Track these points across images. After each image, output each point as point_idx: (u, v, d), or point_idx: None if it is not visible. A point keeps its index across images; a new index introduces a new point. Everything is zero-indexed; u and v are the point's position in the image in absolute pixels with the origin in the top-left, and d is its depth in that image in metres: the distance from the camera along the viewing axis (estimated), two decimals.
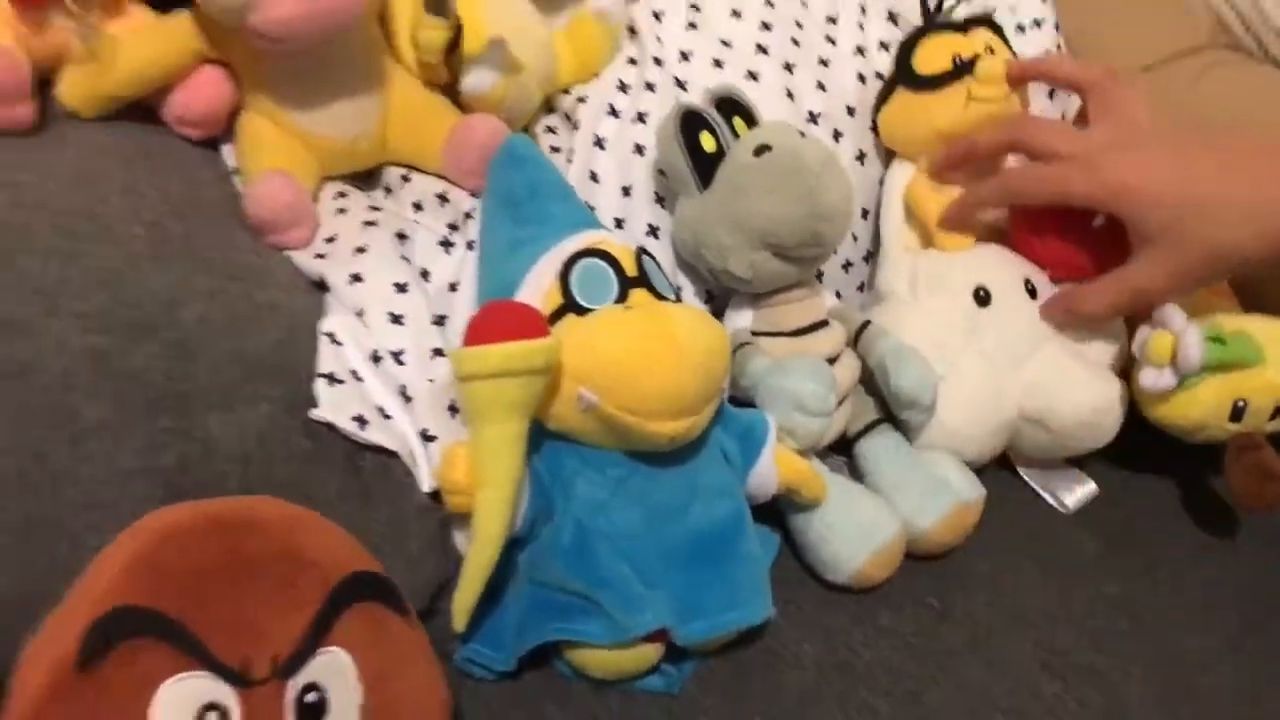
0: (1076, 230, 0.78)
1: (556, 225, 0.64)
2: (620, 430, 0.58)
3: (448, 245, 0.70)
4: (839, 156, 0.74)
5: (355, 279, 0.66)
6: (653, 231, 0.75)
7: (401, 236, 0.70)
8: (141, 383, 0.54)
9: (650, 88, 0.78)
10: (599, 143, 0.76)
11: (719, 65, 0.79)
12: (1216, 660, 0.71)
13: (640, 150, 0.76)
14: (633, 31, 0.82)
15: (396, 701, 0.47)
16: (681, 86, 0.78)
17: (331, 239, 0.70)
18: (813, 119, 0.80)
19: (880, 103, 0.83)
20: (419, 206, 0.73)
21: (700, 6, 0.82)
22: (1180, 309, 0.73)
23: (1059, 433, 0.78)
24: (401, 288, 0.67)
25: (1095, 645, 0.70)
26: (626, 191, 0.75)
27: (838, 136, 0.82)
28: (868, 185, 0.84)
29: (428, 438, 0.63)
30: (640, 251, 0.64)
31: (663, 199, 0.75)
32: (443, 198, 0.73)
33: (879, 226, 0.84)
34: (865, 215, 0.84)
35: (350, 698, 0.46)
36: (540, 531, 0.61)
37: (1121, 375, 0.79)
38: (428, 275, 0.69)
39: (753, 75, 0.79)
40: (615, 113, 0.77)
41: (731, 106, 0.73)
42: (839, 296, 0.82)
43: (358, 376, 0.62)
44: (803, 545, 0.71)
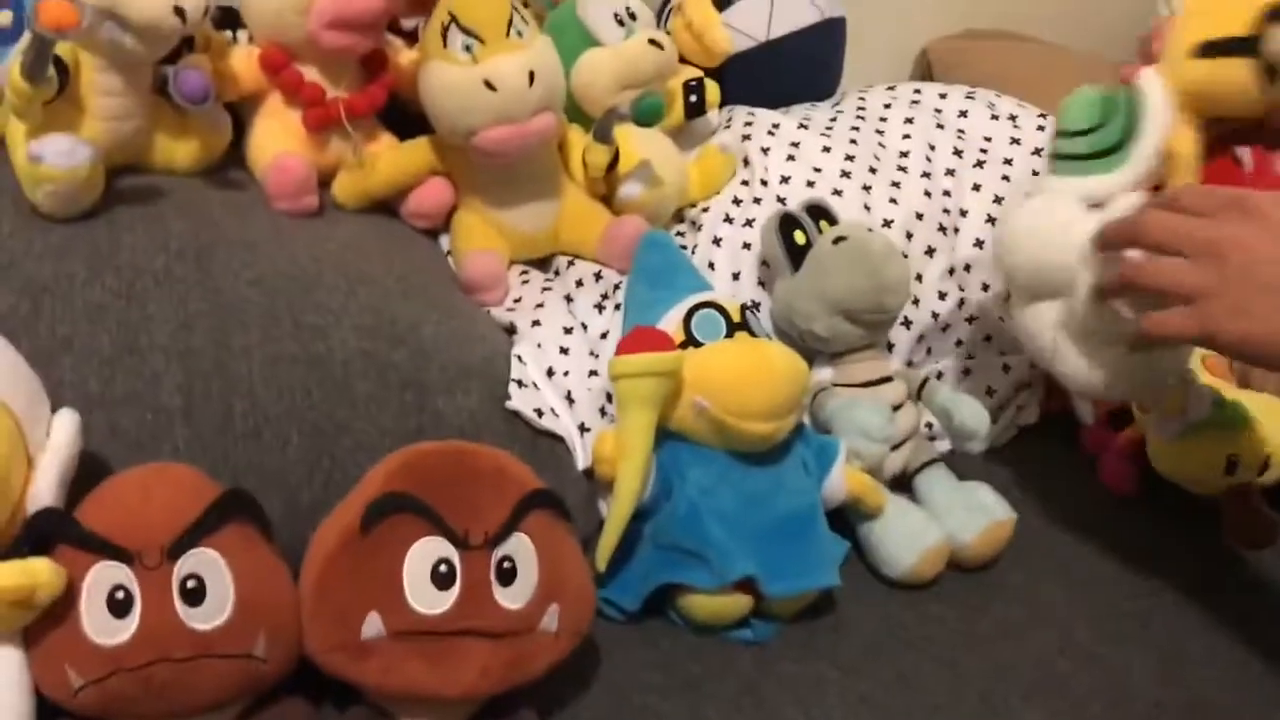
0: None
1: (682, 289, 0.87)
2: (724, 430, 0.80)
3: (601, 307, 0.94)
4: (909, 250, 0.97)
5: (535, 323, 0.91)
6: (755, 306, 0.97)
7: (568, 299, 0.95)
8: (395, 372, 0.79)
9: (757, 201, 1.02)
10: (716, 241, 1.00)
11: (811, 185, 1.03)
12: (1214, 658, 0.84)
13: (747, 247, 0.99)
14: (746, 162, 1.06)
15: (563, 579, 0.68)
16: (782, 202, 1.01)
17: (518, 300, 0.95)
18: (887, 224, 1.02)
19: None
20: (580, 282, 0.97)
21: (798, 143, 1.06)
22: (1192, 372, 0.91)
23: None
24: (568, 330, 0.91)
25: (1107, 641, 0.85)
26: (735, 276, 0.98)
27: (909, 236, 1.03)
28: (938, 274, 1.04)
29: (584, 429, 0.87)
30: (744, 306, 0.86)
31: (763, 283, 0.98)
32: (598, 275, 0.97)
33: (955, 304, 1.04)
34: (943, 297, 1.04)
35: (532, 570, 0.67)
36: (661, 506, 0.82)
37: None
38: (586, 327, 0.93)
39: (837, 192, 1.02)
40: (729, 220, 1.01)
41: (819, 212, 0.96)
42: (911, 364, 1.03)
43: (537, 385, 0.86)
44: (866, 547, 0.90)
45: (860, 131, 1.10)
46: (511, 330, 0.91)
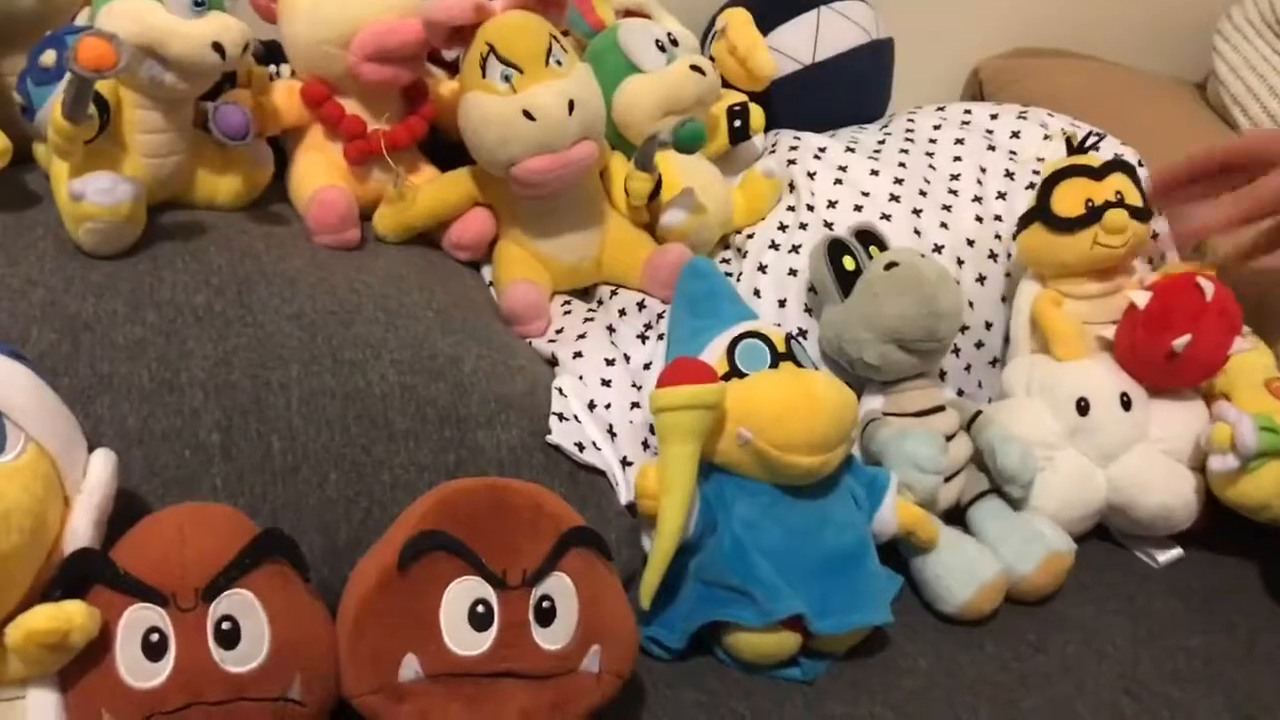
0: (1163, 351, 0.91)
1: (726, 318, 0.86)
2: (769, 462, 0.78)
3: (644, 338, 0.93)
4: (960, 277, 0.95)
5: (577, 355, 0.90)
6: (802, 334, 0.95)
7: (610, 329, 0.94)
8: (434, 407, 0.78)
9: (803, 227, 1.00)
10: (762, 268, 0.98)
11: (859, 209, 1.01)
12: None
13: (794, 273, 0.97)
14: (792, 187, 1.05)
15: (604, 618, 0.67)
16: (829, 227, 0.99)
17: (560, 330, 0.93)
18: (937, 249, 1.00)
19: (1021, 227, 0.99)
20: (623, 312, 0.96)
21: (846, 167, 1.05)
22: (1233, 406, 0.87)
23: (1139, 521, 0.93)
24: (610, 362, 0.90)
25: (1174, 681, 0.82)
26: (782, 304, 0.96)
27: (960, 263, 1.01)
28: (989, 302, 1.02)
29: (626, 463, 0.85)
30: (789, 336, 0.84)
31: (809, 309, 0.96)
32: (641, 305, 0.96)
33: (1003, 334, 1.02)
34: (989, 327, 1.02)
35: (571, 610, 0.65)
36: (706, 542, 0.80)
37: (1200, 471, 0.92)
38: (629, 358, 0.91)
39: (886, 216, 1.00)
40: (775, 246, 1.00)
41: (869, 237, 0.94)
42: (961, 393, 1.00)
43: (578, 419, 0.84)
44: (920, 582, 0.87)
45: (909, 154, 1.08)
46: (553, 362, 0.90)
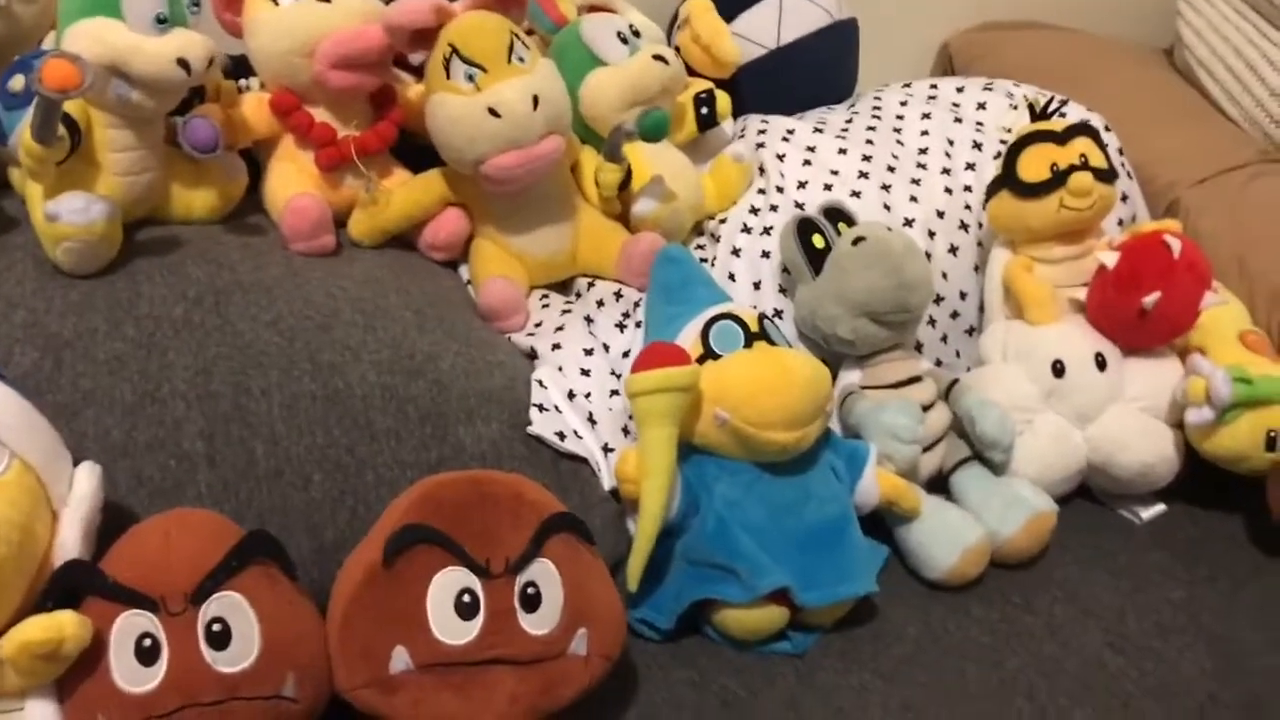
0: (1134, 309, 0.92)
1: (700, 302, 0.87)
2: (747, 441, 0.79)
3: (622, 326, 0.94)
4: (932, 249, 0.97)
5: (556, 346, 0.91)
6: (777, 314, 0.96)
7: (589, 320, 0.95)
8: (414, 405, 0.79)
9: (774, 209, 1.01)
10: (735, 251, 0.99)
11: (829, 188, 1.02)
12: (1270, 650, 0.82)
13: (766, 255, 0.98)
14: (762, 170, 1.06)
15: (589, 602, 0.68)
16: (800, 207, 1.00)
17: (539, 324, 0.95)
18: (908, 223, 1.01)
19: (989, 195, 1.00)
20: (601, 303, 0.97)
21: (814, 147, 1.05)
22: (1207, 359, 0.89)
23: (1120, 479, 0.94)
24: (589, 352, 0.91)
25: (1158, 633, 0.83)
26: (756, 286, 0.98)
27: (932, 235, 1.02)
28: (962, 272, 1.03)
29: (608, 450, 0.86)
30: (762, 316, 0.85)
31: (784, 290, 0.97)
32: (618, 294, 0.97)
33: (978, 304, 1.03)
34: (963, 297, 1.03)
35: (556, 595, 0.67)
36: (690, 523, 0.81)
37: (1178, 427, 0.94)
38: (608, 347, 0.92)
39: (856, 194, 1.01)
40: (748, 229, 1.01)
41: (837, 215, 0.95)
42: (939, 364, 1.01)
43: (558, 409, 0.86)
44: (905, 550, 0.88)
45: (877, 131, 1.09)
46: (532, 355, 0.91)
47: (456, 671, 0.64)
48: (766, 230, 0.99)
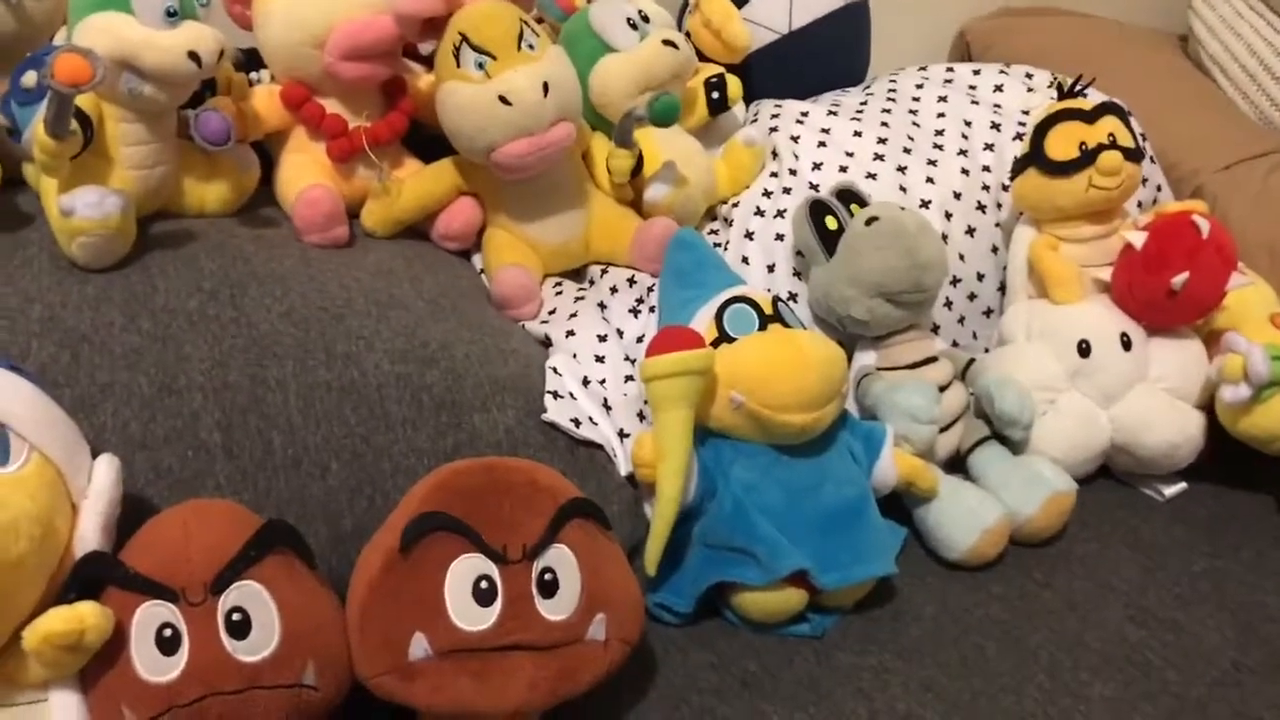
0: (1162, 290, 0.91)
1: (713, 286, 0.86)
2: (762, 423, 0.79)
3: (636, 312, 0.94)
4: (949, 231, 0.97)
5: (570, 333, 0.91)
6: (792, 297, 0.96)
7: (602, 306, 0.95)
8: (429, 393, 0.79)
9: (787, 192, 1.00)
10: (748, 235, 0.99)
11: (844, 170, 1.01)
12: None
13: (780, 238, 0.98)
14: (775, 154, 1.05)
15: (607, 587, 0.68)
16: (814, 189, 1.00)
17: (552, 311, 0.95)
18: (924, 205, 1.01)
19: (1015, 174, 1.00)
20: (614, 289, 0.97)
21: (829, 129, 1.05)
22: (1243, 336, 0.88)
23: (1144, 459, 0.93)
24: (603, 338, 0.91)
25: (1180, 605, 0.83)
26: (770, 269, 0.97)
27: (949, 216, 1.01)
28: (980, 253, 1.02)
29: (623, 435, 0.86)
30: (776, 298, 0.85)
31: (798, 273, 0.97)
32: (631, 280, 0.97)
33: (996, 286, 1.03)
34: (981, 278, 1.02)
35: (574, 580, 0.66)
36: (707, 506, 0.81)
37: (1202, 408, 0.93)
38: (622, 333, 0.92)
39: (871, 175, 1.01)
40: (761, 212, 1.00)
41: (850, 196, 0.95)
42: (956, 345, 1.01)
43: (573, 395, 0.86)
44: (924, 531, 0.88)
45: (892, 113, 1.09)
46: (547, 343, 0.91)
47: (475, 658, 0.64)
48: (780, 213, 0.99)
